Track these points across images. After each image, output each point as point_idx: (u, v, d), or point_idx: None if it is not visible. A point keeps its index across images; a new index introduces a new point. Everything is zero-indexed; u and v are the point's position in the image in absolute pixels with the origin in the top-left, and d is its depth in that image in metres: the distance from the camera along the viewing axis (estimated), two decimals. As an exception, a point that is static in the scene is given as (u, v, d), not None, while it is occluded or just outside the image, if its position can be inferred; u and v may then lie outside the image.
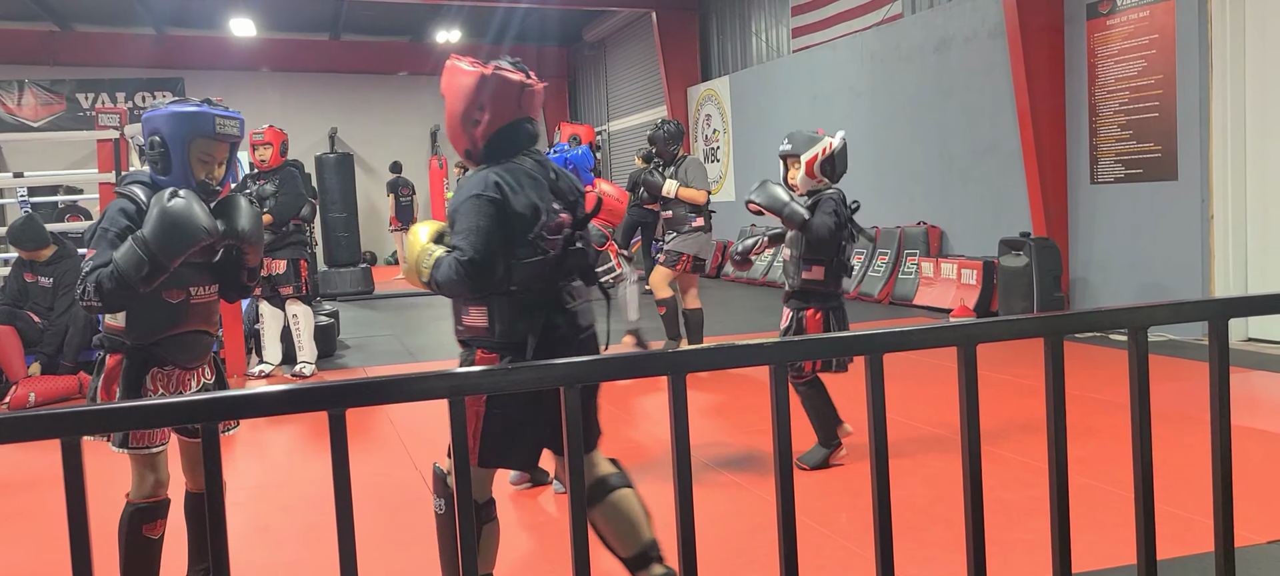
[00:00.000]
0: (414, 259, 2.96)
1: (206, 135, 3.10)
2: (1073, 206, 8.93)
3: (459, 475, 1.98)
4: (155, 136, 3.07)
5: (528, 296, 2.86)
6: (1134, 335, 2.25)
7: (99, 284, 2.86)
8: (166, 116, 3.08)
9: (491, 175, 2.85)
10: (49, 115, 19.01)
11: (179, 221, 2.88)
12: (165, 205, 2.88)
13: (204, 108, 3.12)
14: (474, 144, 2.95)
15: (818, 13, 12.95)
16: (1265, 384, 6.05)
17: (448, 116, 2.99)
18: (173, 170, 3.07)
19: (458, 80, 2.95)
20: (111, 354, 3.09)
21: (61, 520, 1.68)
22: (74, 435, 1.63)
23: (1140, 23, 8.00)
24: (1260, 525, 3.57)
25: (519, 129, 2.97)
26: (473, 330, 2.91)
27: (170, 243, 2.87)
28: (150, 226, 2.86)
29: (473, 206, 2.81)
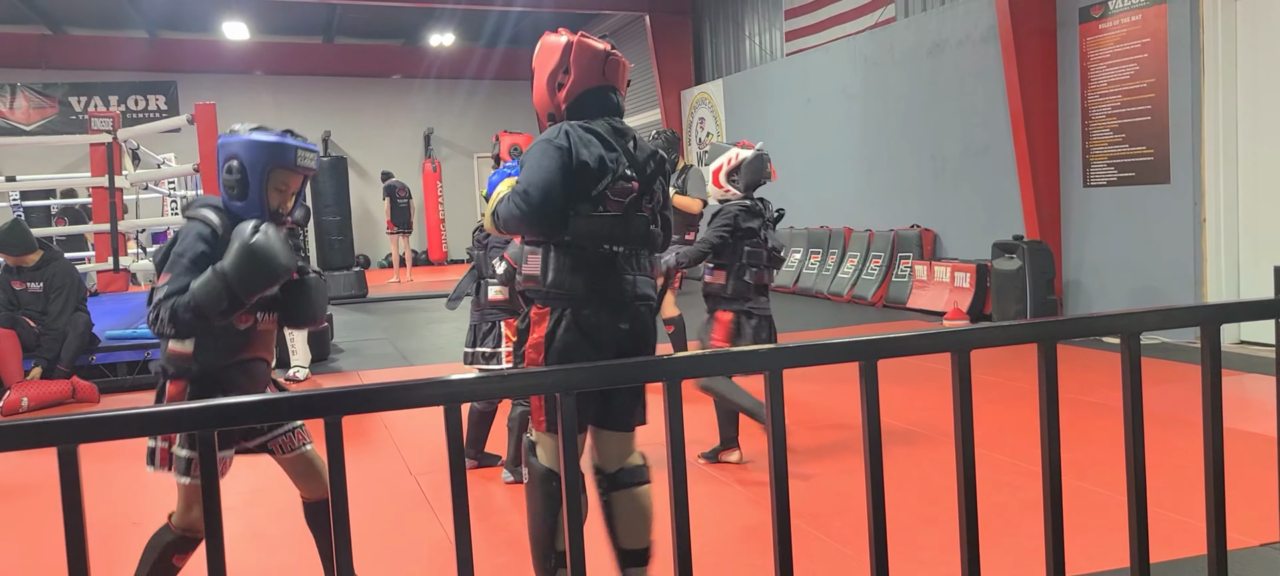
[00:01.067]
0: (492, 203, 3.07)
1: (286, 166, 3.05)
2: (1066, 209, 8.96)
3: (455, 478, 1.98)
4: (233, 161, 3.00)
5: (583, 252, 2.91)
6: (1126, 340, 2.26)
7: (175, 313, 2.81)
8: (247, 144, 3.01)
9: (563, 125, 2.95)
10: (41, 118, 18.97)
11: (262, 258, 2.82)
12: (249, 241, 2.83)
13: (285, 138, 3.07)
14: (557, 106, 3.03)
15: (811, 16, 12.98)
16: (1257, 387, 6.07)
17: (536, 82, 3.08)
18: (249, 197, 3.01)
19: (547, 48, 3.06)
20: (174, 380, 3.00)
21: (57, 525, 1.68)
22: (71, 443, 1.64)
23: (1133, 26, 8.03)
24: (1252, 528, 3.58)
25: (601, 95, 3.05)
26: (529, 279, 2.97)
27: (251, 279, 2.82)
28: (233, 260, 2.81)
29: (539, 150, 2.90)
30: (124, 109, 19.29)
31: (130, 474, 5.23)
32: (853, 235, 11.98)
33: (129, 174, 10.65)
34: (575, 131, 2.93)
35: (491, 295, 4.84)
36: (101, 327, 7.95)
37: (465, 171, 21.92)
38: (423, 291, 15.05)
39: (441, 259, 21.22)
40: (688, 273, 7.58)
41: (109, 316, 8.85)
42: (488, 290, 4.86)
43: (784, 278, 12.83)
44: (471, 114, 21.57)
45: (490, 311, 4.86)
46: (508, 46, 21.13)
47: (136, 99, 19.70)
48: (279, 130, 3.10)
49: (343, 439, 1.84)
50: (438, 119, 21.63)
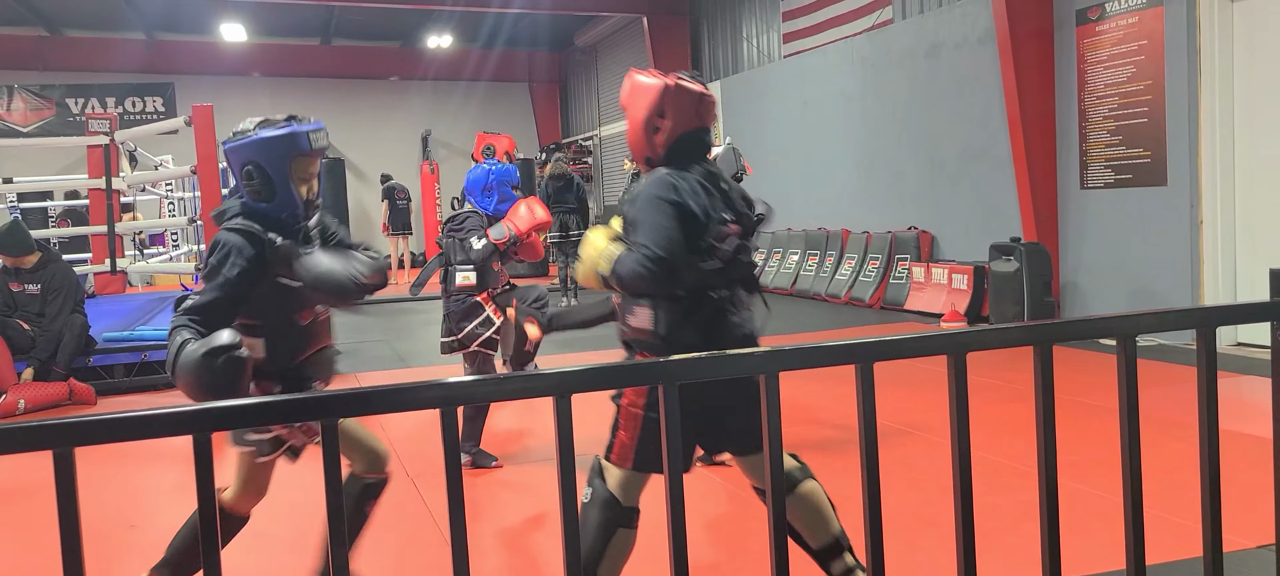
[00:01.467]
0: (591, 259, 2.99)
1: (303, 153, 2.99)
2: (1063, 211, 8.97)
3: (451, 482, 1.98)
4: (249, 166, 2.94)
5: (692, 301, 2.91)
6: (1123, 343, 2.26)
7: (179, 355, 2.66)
8: (257, 144, 2.95)
9: (669, 177, 2.92)
10: (39, 120, 18.97)
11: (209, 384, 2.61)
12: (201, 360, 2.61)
13: (293, 126, 3.00)
14: (654, 151, 3.02)
15: (809, 18, 12.98)
16: (1254, 388, 6.08)
17: (630, 125, 3.06)
18: (277, 196, 2.96)
19: (640, 90, 3.03)
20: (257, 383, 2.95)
21: (53, 528, 1.67)
22: (67, 446, 1.63)
23: (1129, 29, 8.04)
24: (1249, 530, 3.58)
25: (696, 138, 3.05)
26: (638, 332, 2.95)
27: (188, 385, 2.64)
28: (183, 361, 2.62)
29: (655, 206, 2.86)
30: (121, 110, 19.28)
31: (127, 477, 5.23)
32: (850, 237, 11.99)
33: (126, 175, 10.64)
34: (681, 182, 2.91)
35: (459, 281, 4.95)
36: (99, 329, 7.94)
37: (462, 172, 21.90)
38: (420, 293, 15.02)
39: (439, 260, 21.22)
40: None
41: (106, 318, 8.85)
42: (455, 276, 4.97)
43: (782, 279, 12.84)
44: (468, 115, 21.58)
45: (459, 296, 4.97)
46: (505, 48, 21.15)
47: (134, 100, 19.69)
48: (282, 119, 3.04)
49: (338, 441, 1.84)
50: (435, 120, 21.63)
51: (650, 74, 3.06)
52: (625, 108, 3.07)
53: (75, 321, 7.48)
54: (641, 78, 3.05)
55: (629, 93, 3.06)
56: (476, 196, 5.18)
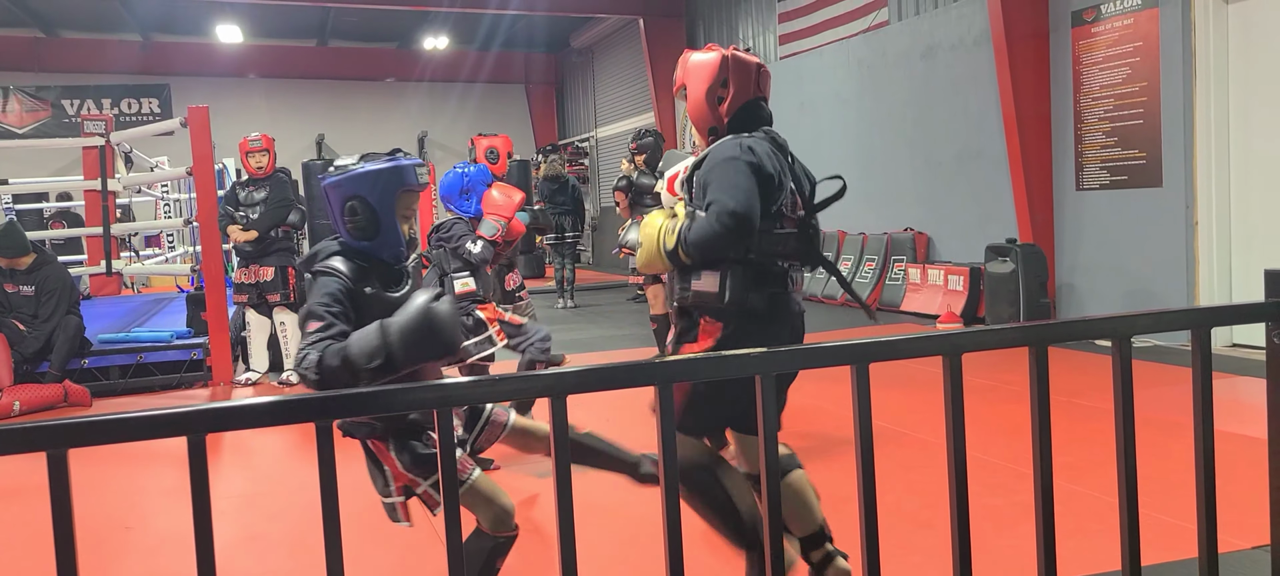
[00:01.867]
0: (652, 238, 2.97)
1: (409, 188, 2.88)
2: (1058, 213, 8.98)
3: (446, 483, 1.98)
4: (354, 201, 2.80)
5: (762, 267, 2.93)
6: (1118, 344, 2.27)
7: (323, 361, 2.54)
8: (363, 178, 2.82)
9: (745, 139, 2.95)
10: (34, 121, 18.94)
11: (438, 327, 2.53)
12: (431, 308, 2.54)
13: (399, 159, 2.89)
14: (719, 120, 3.05)
15: (805, 19, 12.99)
16: (1249, 389, 6.09)
17: (691, 98, 3.09)
18: (381, 233, 2.82)
19: (700, 63, 3.07)
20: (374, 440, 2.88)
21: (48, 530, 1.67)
22: (61, 448, 1.63)
23: (1125, 30, 8.06)
24: (1244, 530, 3.59)
25: (758, 107, 3.10)
26: (701, 295, 2.94)
27: (420, 348, 2.53)
28: (405, 322, 2.52)
29: (730, 167, 2.87)
30: (117, 112, 19.26)
31: (122, 478, 5.23)
32: (846, 238, 12.00)
33: (122, 177, 10.62)
34: (762, 144, 2.94)
35: (458, 288, 4.90)
36: (94, 331, 7.94)
37: (459, 174, 21.92)
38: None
39: (435, 262, 21.22)
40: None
41: (102, 320, 8.84)
42: (453, 284, 4.92)
43: (778, 281, 12.84)
44: (465, 117, 21.56)
45: (462, 303, 4.92)
46: (501, 49, 21.15)
47: (130, 102, 19.67)
48: (385, 154, 2.93)
49: (334, 443, 1.84)
50: (431, 122, 21.63)
51: (707, 49, 3.12)
52: (684, 83, 3.12)
53: (69, 323, 7.47)
54: (698, 54, 3.12)
55: (688, 69, 3.12)
56: (456, 201, 5.11)
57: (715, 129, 3.08)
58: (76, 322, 7.55)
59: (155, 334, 8.20)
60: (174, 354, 7.95)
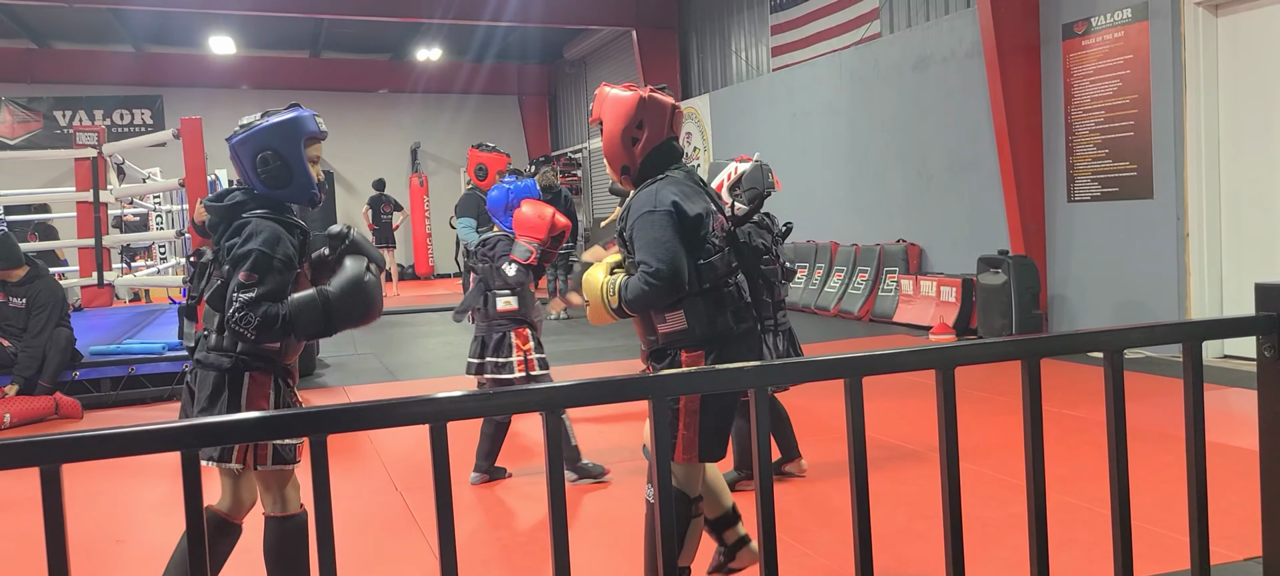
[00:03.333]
0: (597, 298, 3.13)
1: (314, 135, 3.09)
2: (1050, 224, 9.01)
3: (440, 496, 1.97)
4: (267, 152, 2.99)
5: (717, 293, 3.08)
6: (1110, 357, 2.27)
7: (267, 321, 2.81)
8: (268, 130, 3.01)
9: (663, 189, 3.06)
10: (26, 133, 18.89)
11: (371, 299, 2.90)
12: (365, 279, 2.89)
13: (299, 110, 3.10)
14: (632, 161, 3.16)
15: (797, 32, 13.04)
16: (1241, 401, 6.11)
17: (607, 135, 3.17)
18: (294, 181, 3.03)
19: (616, 103, 3.16)
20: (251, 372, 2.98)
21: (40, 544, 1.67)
22: (54, 463, 1.63)
23: (1115, 43, 8.10)
24: (1237, 542, 3.60)
25: (670, 147, 3.19)
26: (671, 335, 3.09)
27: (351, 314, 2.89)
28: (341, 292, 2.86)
29: (649, 222, 3.01)
30: (109, 123, 19.22)
31: (114, 491, 5.21)
32: (839, 249, 12.02)
33: (114, 188, 10.61)
34: (673, 189, 3.05)
35: (500, 306, 4.85)
36: (85, 343, 7.91)
37: (452, 185, 21.89)
38: (410, 305, 15.02)
39: (428, 273, 21.19)
40: None
41: (93, 332, 8.81)
42: (496, 301, 4.86)
43: (771, 292, 12.84)
44: (458, 128, 21.58)
45: (499, 322, 4.88)
46: (495, 61, 21.16)
47: (122, 113, 19.64)
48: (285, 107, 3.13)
49: (327, 457, 1.84)
50: (424, 133, 21.63)
51: (624, 87, 3.18)
52: (603, 120, 3.17)
53: (60, 336, 7.44)
54: (615, 91, 3.17)
55: (604, 106, 3.17)
56: (501, 218, 4.99)
57: (627, 167, 3.17)
58: (67, 335, 7.52)
59: (146, 346, 8.17)
60: (165, 366, 7.93)
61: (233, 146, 3.05)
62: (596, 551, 4.02)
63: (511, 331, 4.87)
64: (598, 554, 3.99)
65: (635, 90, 3.15)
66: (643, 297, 2.98)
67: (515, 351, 4.85)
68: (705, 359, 3.05)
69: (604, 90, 3.22)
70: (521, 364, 4.83)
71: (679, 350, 3.08)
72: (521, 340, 4.87)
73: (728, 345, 3.08)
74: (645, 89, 3.16)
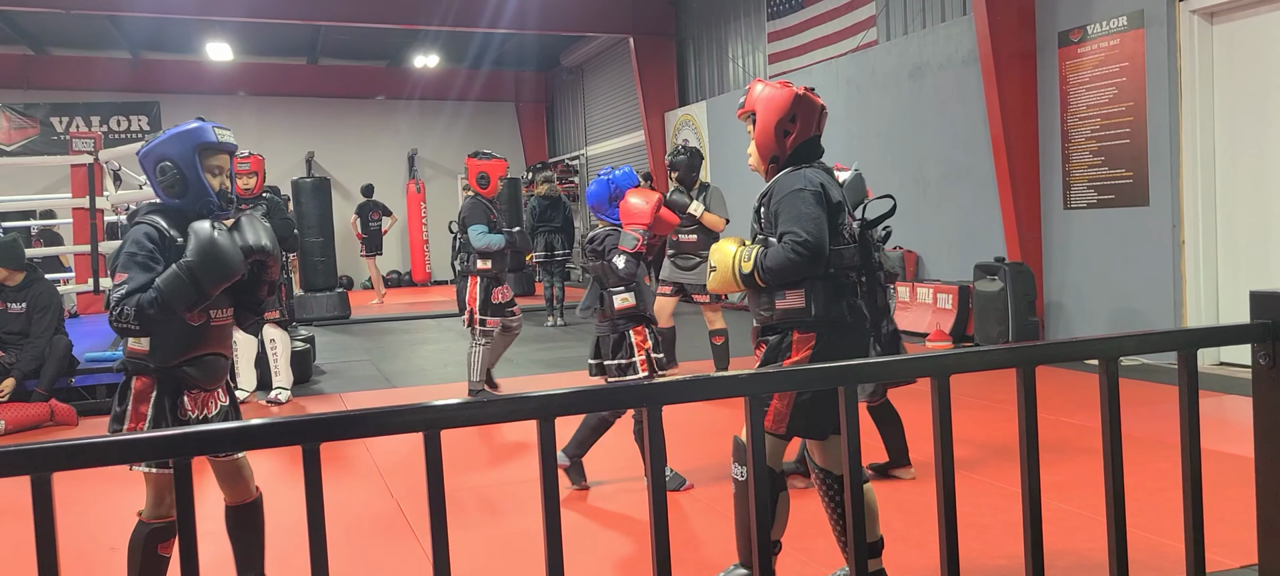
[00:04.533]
0: (727, 265, 3.28)
1: (209, 144, 3.20)
2: (1046, 232, 9.02)
3: (433, 504, 1.97)
4: (165, 162, 3.15)
5: (838, 281, 3.24)
6: (1105, 365, 2.27)
7: (141, 308, 2.95)
8: (167, 140, 3.17)
9: (810, 172, 3.25)
10: (23, 139, 18.86)
11: (222, 251, 2.99)
12: (210, 235, 3.00)
13: (198, 122, 3.23)
14: (783, 151, 3.33)
15: (794, 39, 13.06)
16: (1237, 408, 6.11)
17: (760, 126, 3.33)
18: (190, 190, 3.16)
19: (774, 96, 3.33)
20: (138, 376, 3.16)
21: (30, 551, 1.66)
22: (45, 471, 1.62)
23: (1111, 51, 8.11)
24: (1233, 549, 3.60)
25: (815, 143, 3.39)
26: (788, 312, 3.22)
27: (213, 271, 2.98)
28: (195, 255, 2.97)
29: (798, 199, 3.18)
30: (106, 130, 19.20)
31: (108, 498, 5.19)
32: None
33: (110, 195, 10.59)
34: (817, 174, 3.25)
35: (618, 304, 4.74)
36: (80, 349, 7.89)
37: (449, 192, 21.90)
38: (406, 312, 15.01)
39: (425, 280, 21.17)
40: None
41: (88, 338, 8.79)
42: (613, 300, 4.76)
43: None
44: (455, 135, 21.58)
45: (619, 321, 4.77)
46: (491, 68, 21.18)
47: (119, 120, 19.61)
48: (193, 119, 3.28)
49: (320, 465, 1.83)
50: (421, 140, 21.62)
51: (781, 84, 3.36)
52: (756, 112, 3.34)
53: (59, 343, 7.43)
54: (773, 86, 3.36)
55: (760, 99, 3.35)
56: (606, 212, 4.91)
57: (776, 158, 3.34)
58: (66, 343, 7.51)
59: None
60: (161, 372, 7.91)
61: (139, 158, 3.25)
62: (594, 558, 4.01)
63: (630, 330, 4.76)
64: (596, 559, 3.98)
65: (790, 88, 3.32)
66: (788, 266, 3.12)
67: (636, 350, 4.74)
68: (816, 342, 3.19)
69: (756, 85, 3.39)
70: (644, 363, 4.72)
71: (792, 329, 3.23)
72: (641, 338, 4.77)
73: (840, 333, 3.21)
74: (800, 88, 3.35)
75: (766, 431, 3.12)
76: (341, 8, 15.29)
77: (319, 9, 15.33)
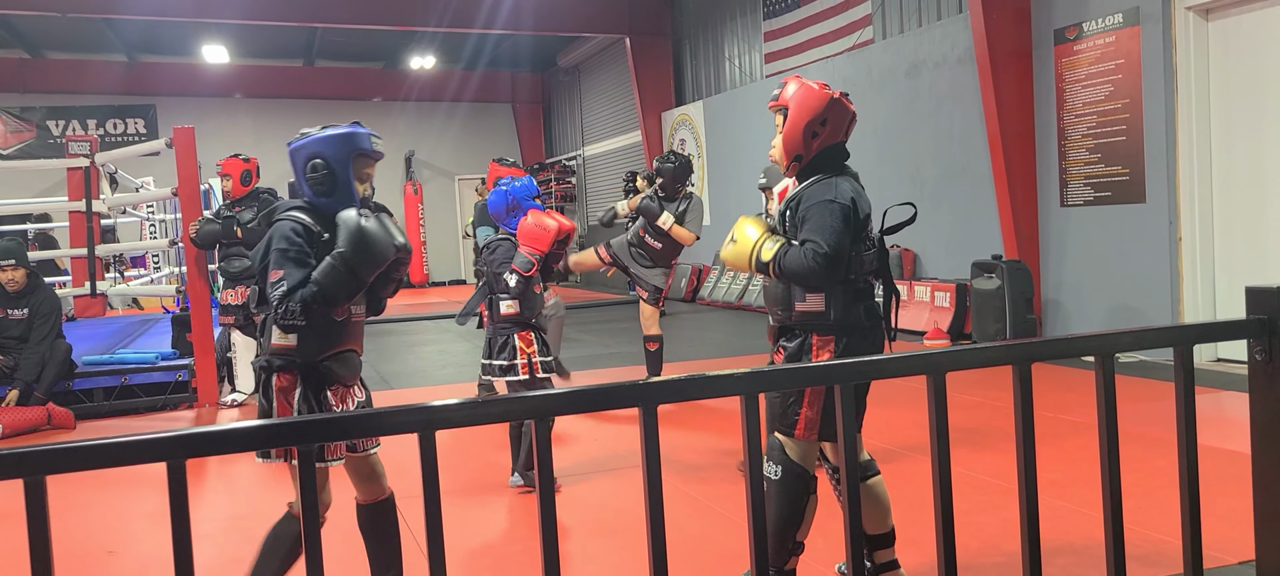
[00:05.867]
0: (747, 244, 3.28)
1: (365, 153, 3.25)
2: (1043, 229, 9.02)
3: (429, 507, 1.97)
4: (317, 160, 3.17)
5: (856, 286, 3.25)
6: (1101, 362, 2.27)
7: (306, 302, 2.95)
8: (324, 140, 3.19)
9: (842, 184, 3.26)
10: (19, 142, 18.85)
11: (375, 239, 3.02)
12: (361, 224, 3.02)
13: (356, 127, 3.26)
14: (808, 152, 3.31)
15: (790, 38, 13.06)
16: (1234, 404, 6.11)
17: (789, 125, 3.30)
18: (337, 190, 3.18)
19: (808, 95, 3.30)
20: (280, 373, 3.15)
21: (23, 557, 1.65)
22: (37, 474, 1.62)
23: (1106, 48, 8.11)
24: (1230, 545, 3.60)
25: (842, 148, 3.39)
26: (807, 315, 3.24)
27: (368, 259, 3.01)
28: (348, 244, 2.98)
29: (826, 210, 3.18)
30: (102, 133, 19.19)
31: (107, 502, 5.18)
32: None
33: (107, 198, 10.57)
34: (850, 185, 3.26)
35: (504, 310, 4.95)
36: (79, 353, 7.88)
37: (446, 193, 21.90)
38: (404, 314, 15.00)
39: (422, 281, 21.17)
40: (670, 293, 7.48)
41: (86, 342, 8.78)
42: (499, 305, 4.96)
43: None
44: (451, 136, 21.59)
45: (503, 325, 4.98)
46: (488, 69, 21.18)
47: (115, 122, 19.61)
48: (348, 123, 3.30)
49: (314, 469, 1.83)
50: (418, 141, 21.62)
51: (819, 85, 3.34)
52: (789, 109, 3.31)
53: (59, 347, 7.43)
54: (809, 86, 3.33)
55: (794, 95, 3.31)
56: (504, 220, 5.09)
57: (799, 157, 3.32)
58: (65, 347, 7.51)
59: (140, 355, 8.15)
60: (159, 375, 7.90)
61: (290, 152, 3.24)
62: (592, 557, 4.01)
63: (515, 334, 4.97)
64: (594, 559, 3.98)
65: (826, 90, 3.30)
66: (803, 271, 3.12)
67: (519, 354, 4.95)
68: (835, 345, 3.20)
69: (792, 82, 3.36)
70: (525, 366, 4.95)
71: (811, 332, 3.23)
72: (525, 343, 4.97)
73: (857, 337, 3.22)
74: (836, 91, 3.33)
75: (798, 440, 3.18)
76: (337, 10, 15.29)
77: (315, 11, 15.32)
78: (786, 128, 3.32)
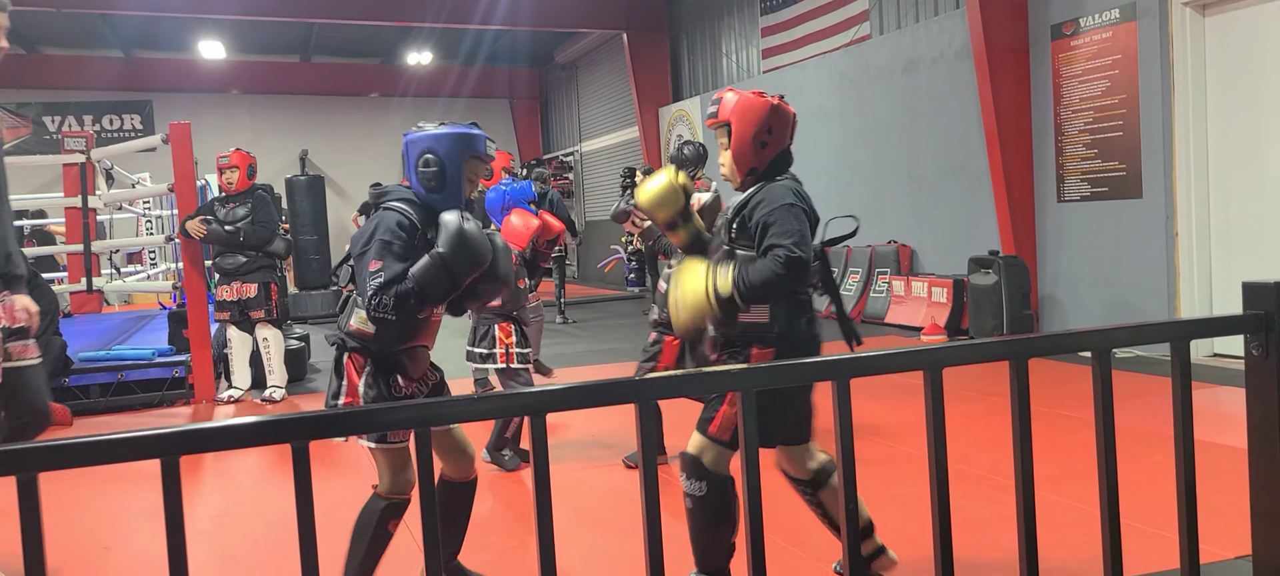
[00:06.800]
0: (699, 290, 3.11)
1: (478, 155, 3.24)
2: (1040, 224, 9.02)
3: (424, 503, 1.96)
4: (430, 155, 3.16)
5: (801, 297, 3.24)
6: (1098, 357, 2.27)
7: (400, 298, 2.94)
8: (441, 137, 3.18)
9: (787, 184, 3.23)
10: (14, 138, 18.80)
11: (472, 241, 2.99)
12: (459, 225, 2.99)
13: (473, 129, 3.26)
14: (760, 163, 3.28)
15: (787, 34, 13.05)
16: (1231, 399, 6.12)
17: (736, 140, 3.27)
18: (446, 187, 3.17)
19: (750, 107, 3.27)
20: (352, 354, 3.16)
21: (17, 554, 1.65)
22: (30, 471, 1.61)
23: (1103, 43, 8.11)
24: (1227, 540, 3.60)
25: (788, 154, 3.36)
26: (750, 327, 3.17)
27: (466, 261, 2.98)
28: (448, 246, 2.95)
29: (790, 212, 3.12)
30: (98, 128, 19.16)
31: (102, 498, 5.18)
32: (831, 251, 12.02)
33: (103, 194, 10.56)
34: (801, 189, 3.24)
35: None
36: (75, 349, 7.87)
37: (443, 189, 21.87)
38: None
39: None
40: None
41: (82, 338, 8.77)
42: None
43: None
44: (449, 132, 21.54)
45: (486, 315, 5.14)
46: (485, 64, 21.16)
47: (111, 118, 19.57)
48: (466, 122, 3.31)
49: (309, 464, 1.82)
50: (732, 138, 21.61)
51: (755, 94, 3.30)
52: (732, 122, 3.27)
53: (54, 343, 7.39)
54: (746, 96, 3.29)
55: (736, 109, 3.27)
56: (496, 218, 5.24)
57: (753, 170, 3.28)
58: (60, 343, 7.48)
59: (137, 352, 8.13)
60: (156, 372, 7.89)
61: (405, 143, 3.25)
62: (589, 548, 4.00)
63: (496, 325, 5.16)
64: (592, 551, 3.98)
65: (764, 97, 3.27)
66: (772, 281, 3.02)
67: (498, 343, 5.13)
68: (775, 357, 3.15)
69: (728, 94, 3.32)
70: (503, 355, 5.13)
71: (752, 344, 3.18)
72: (505, 333, 5.15)
73: (798, 349, 3.16)
74: (774, 97, 3.30)
75: (711, 437, 3.09)
76: (334, 5, 15.27)
77: (312, 6, 15.30)
78: (734, 143, 3.28)
